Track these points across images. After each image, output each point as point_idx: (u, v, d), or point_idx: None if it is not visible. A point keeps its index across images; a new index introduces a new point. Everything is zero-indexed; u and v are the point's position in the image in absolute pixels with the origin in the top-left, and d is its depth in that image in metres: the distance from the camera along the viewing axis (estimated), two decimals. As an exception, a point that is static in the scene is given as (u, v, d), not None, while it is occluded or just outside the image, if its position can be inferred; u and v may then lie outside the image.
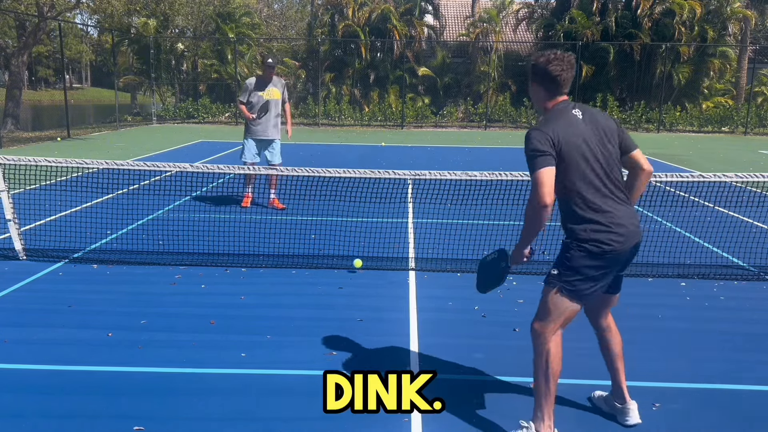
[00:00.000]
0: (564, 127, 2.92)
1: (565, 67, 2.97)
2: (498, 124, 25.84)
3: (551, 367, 3.01)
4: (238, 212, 8.22)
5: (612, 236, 2.91)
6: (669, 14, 25.43)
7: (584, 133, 2.94)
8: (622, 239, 2.93)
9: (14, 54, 20.53)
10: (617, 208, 2.95)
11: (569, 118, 2.96)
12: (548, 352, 3.02)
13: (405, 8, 27.80)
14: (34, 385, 3.65)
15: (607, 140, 3.00)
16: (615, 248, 2.92)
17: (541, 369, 3.04)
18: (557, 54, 3.00)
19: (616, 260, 2.98)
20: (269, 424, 3.26)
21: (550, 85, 3.01)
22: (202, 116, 25.85)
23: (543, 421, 3.05)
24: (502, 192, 6.19)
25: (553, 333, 3.04)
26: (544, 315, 3.07)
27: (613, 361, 3.33)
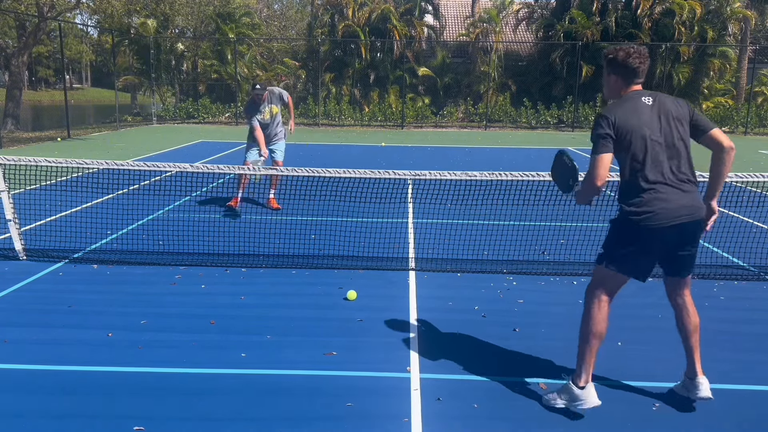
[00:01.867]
0: (628, 111, 3.18)
1: (643, 60, 3.25)
2: (498, 124, 25.84)
3: (591, 326, 3.31)
4: (238, 212, 8.21)
5: (649, 211, 3.09)
6: (669, 14, 25.43)
7: (648, 117, 3.17)
8: (659, 215, 3.09)
9: (14, 54, 20.53)
10: (666, 190, 3.12)
11: (636, 104, 3.20)
12: (591, 312, 3.33)
13: (405, 8, 27.79)
14: (34, 385, 3.65)
15: (676, 126, 3.20)
16: (650, 224, 3.10)
17: (585, 327, 3.35)
18: (636, 48, 3.28)
19: (654, 237, 3.14)
20: (269, 424, 3.26)
21: (628, 77, 3.27)
22: (202, 116, 25.85)
23: (581, 375, 3.34)
24: (502, 192, 6.19)
25: (597, 297, 3.33)
26: (592, 281, 3.42)
27: (686, 338, 3.48)
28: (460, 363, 4.01)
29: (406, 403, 3.47)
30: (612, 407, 3.46)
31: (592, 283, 3.40)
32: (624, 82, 3.30)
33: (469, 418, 3.35)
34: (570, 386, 3.37)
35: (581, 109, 25.19)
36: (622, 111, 3.18)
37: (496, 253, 6.31)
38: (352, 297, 5.03)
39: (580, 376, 3.35)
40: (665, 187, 3.13)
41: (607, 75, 3.38)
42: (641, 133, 3.14)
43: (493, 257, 6.27)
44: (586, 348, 3.34)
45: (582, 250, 6.41)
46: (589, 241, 6.61)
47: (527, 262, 6.22)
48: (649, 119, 3.17)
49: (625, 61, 3.24)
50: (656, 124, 3.17)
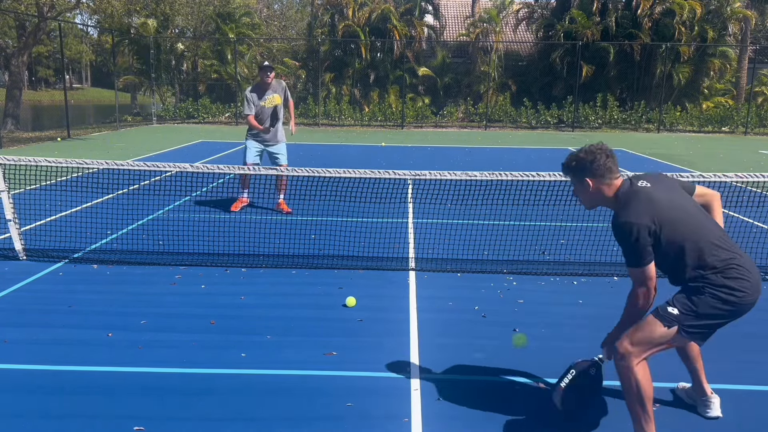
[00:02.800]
0: (648, 203, 2.90)
1: (610, 153, 3.03)
2: (498, 124, 25.84)
3: (644, 391, 2.91)
4: (238, 212, 8.21)
5: (745, 284, 2.84)
6: (669, 14, 25.42)
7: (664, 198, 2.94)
8: (752, 288, 2.86)
9: (14, 54, 20.53)
10: (741, 255, 2.91)
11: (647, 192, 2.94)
12: (638, 379, 2.90)
13: (405, 8, 27.79)
14: (34, 385, 3.65)
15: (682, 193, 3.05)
16: (747, 296, 2.84)
17: (635, 394, 2.92)
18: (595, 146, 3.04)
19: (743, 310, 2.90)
20: (269, 424, 3.26)
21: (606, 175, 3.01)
22: (202, 116, 25.85)
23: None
24: (502, 192, 6.19)
25: (642, 359, 2.93)
26: (640, 340, 2.92)
27: (689, 362, 3.40)
28: (460, 363, 4.01)
29: (406, 403, 3.47)
30: (612, 407, 3.45)
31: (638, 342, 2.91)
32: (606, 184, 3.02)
33: (469, 418, 3.35)
34: None
35: (581, 109, 25.19)
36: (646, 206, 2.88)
37: (496, 253, 6.31)
38: (351, 304, 4.94)
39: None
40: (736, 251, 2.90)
41: (580, 185, 3.08)
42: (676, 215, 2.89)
43: (493, 257, 6.27)
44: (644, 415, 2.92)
45: (582, 251, 6.42)
46: (589, 241, 6.61)
47: (527, 262, 6.22)
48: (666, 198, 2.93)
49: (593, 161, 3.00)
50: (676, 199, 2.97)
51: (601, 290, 5.50)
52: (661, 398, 3.58)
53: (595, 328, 4.61)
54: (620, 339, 2.96)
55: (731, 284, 2.83)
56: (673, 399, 3.59)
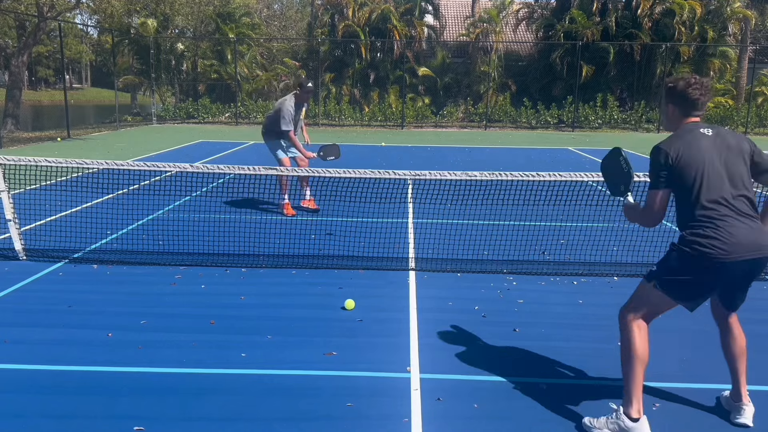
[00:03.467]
0: (688, 143, 3.06)
1: (704, 92, 3.13)
2: (498, 124, 25.84)
3: (635, 351, 3.14)
4: (238, 212, 8.22)
5: (715, 243, 2.95)
6: (669, 14, 25.43)
7: (708, 149, 3.05)
8: (725, 249, 2.94)
9: (14, 54, 20.54)
10: (733, 223, 2.98)
11: (696, 135, 3.09)
12: (632, 337, 3.17)
13: (405, 8, 27.80)
14: (34, 385, 3.65)
15: (736, 158, 3.08)
16: (714, 256, 2.95)
17: (626, 353, 3.18)
18: (697, 79, 3.16)
19: (718, 270, 3.00)
20: (269, 424, 3.26)
21: (687, 108, 3.16)
22: (202, 116, 25.84)
23: (631, 404, 3.14)
24: (502, 192, 6.19)
25: (637, 319, 3.18)
26: (632, 302, 3.25)
27: (731, 360, 3.40)
28: (460, 363, 4.01)
29: (406, 403, 3.47)
30: (611, 407, 3.45)
31: (632, 302, 3.24)
32: (682, 113, 3.18)
33: (469, 418, 3.35)
34: (621, 418, 3.14)
35: (581, 109, 25.19)
36: (682, 144, 3.07)
37: (496, 253, 6.31)
38: (350, 307, 4.90)
39: (630, 405, 3.13)
40: (733, 219, 2.99)
41: (665, 104, 3.27)
42: (703, 166, 3.02)
43: (493, 257, 6.27)
44: (631, 374, 3.14)
45: (582, 251, 6.42)
46: (589, 241, 6.61)
47: (527, 262, 6.22)
48: (710, 151, 3.05)
49: (684, 91, 3.13)
50: (717, 157, 3.05)
51: (601, 290, 5.50)
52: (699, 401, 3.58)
53: (595, 328, 4.63)
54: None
55: (697, 239, 2.98)
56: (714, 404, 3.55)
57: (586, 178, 5.88)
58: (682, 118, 3.18)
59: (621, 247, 6.44)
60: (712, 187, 3.01)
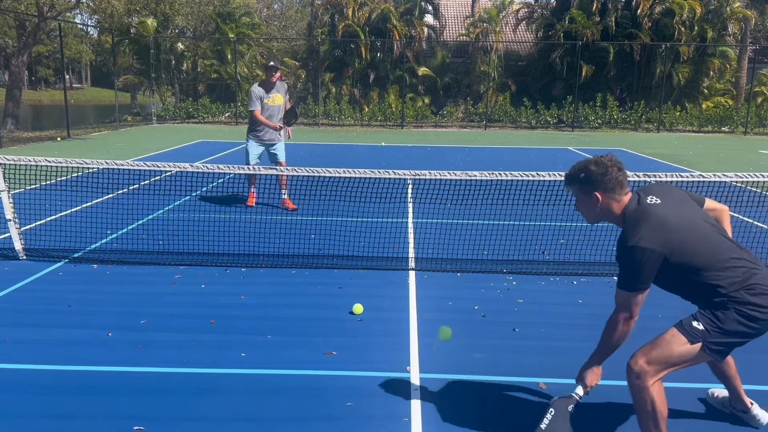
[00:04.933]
0: (660, 225, 2.75)
1: (621, 167, 2.88)
2: (498, 124, 25.84)
3: (659, 412, 2.79)
4: (238, 212, 8.22)
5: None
6: (669, 14, 25.43)
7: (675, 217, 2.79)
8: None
9: (14, 54, 20.54)
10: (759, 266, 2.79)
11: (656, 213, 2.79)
12: (652, 398, 2.78)
13: (405, 8, 27.80)
14: (34, 385, 3.65)
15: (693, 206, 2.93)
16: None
17: (648, 415, 2.80)
18: (605, 158, 2.90)
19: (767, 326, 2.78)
20: (269, 424, 3.26)
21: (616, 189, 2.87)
22: (202, 116, 25.84)
23: None
24: (502, 192, 6.19)
25: (659, 379, 2.82)
26: (659, 358, 2.79)
27: (728, 381, 3.32)
28: (460, 363, 4.01)
29: (406, 403, 3.47)
30: (612, 407, 3.46)
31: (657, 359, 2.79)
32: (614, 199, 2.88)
33: (469, 418, 3.35)
34: None
35: (581, 109, 25.20)
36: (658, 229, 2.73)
37: (496, 253, 6.31)
38: (358, 311, 4.80)
39: None
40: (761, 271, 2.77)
41: (587, 198, 2.92)
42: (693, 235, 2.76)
43: (493, 257, 6.27)
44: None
45: (582, 250, 6.42)
46: (589, 241, 6.62)
47: (527, 262, 6.22)
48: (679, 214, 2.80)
49: (604, 174, 2.84)
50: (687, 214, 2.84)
51: (600, 290, 5.50)
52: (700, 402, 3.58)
53: (595, 327, 4.61)
54: (635, 356, 2.82)
55: (756, 300, 2.70)
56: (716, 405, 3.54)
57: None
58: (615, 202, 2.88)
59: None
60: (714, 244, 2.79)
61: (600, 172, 2.85)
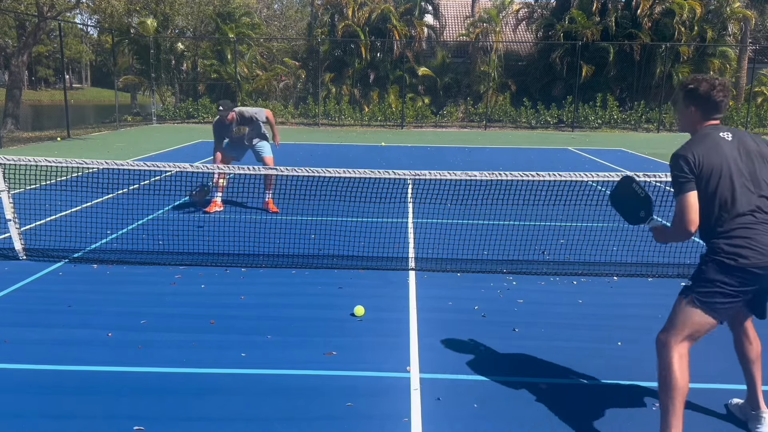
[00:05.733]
0: (708, 147, 2.94)
1: (726, 93, 3.03)
2: (498, 124, 25.84)
3: (674, 380, 2.90)
4: (238, 212, 8.22)
5: (749, 251, 2.85)
6: (669, 14, 25.43)
7: (730, 153, 2.94)
8: (760, 256, 2.86)
9: (14, 54, 20.54)
10: (762, 227, 2.89)
11: (715, 139, 2.98)
12: (670, 364, 2.92)
13: (405, 8, 27.79)
14: (34, 385, 3.65)
15: (758, 162, 2.98)
16: (751, 263, 2.86)
17: (663, 382, 2.93)
18: (720, 81, 3.05)
19: (754, 277, 2.90)
20: (269, 424, 3.26)
21: (709, 110, 3.05)
22: (202, 116, 25.83)
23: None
24: (502, 192, 6.19)
25: (677, 344, 2.94)
26: (670, 324, 3.02)
27: (748, 367, 3.29)
28: (460, 363, 4.01)
29: (406, 403, 3.47)
30: (612, 407, 3.46)
31: (671, 325, 3.00)
32: (702, 116, 3.06)
33: (469, 417, 3.36)
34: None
35: (581, 109, 25.20)
36: (703, 148, 2.94)
37: (496, 253, 6.31)
38: (359, 313, 4.77)
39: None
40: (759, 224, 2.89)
41: (684, 107, 3.11)
42: (726, 170, 2.91)
43: (493, 257, 6.27)
44: (670, 406, 2.90)
45: (582, 250, 6.42)
46: (588, 241, 6.62)
47: (527, 262, 6.22)
48: (732, 156, 2.94)
49: (707, 94, 3.00)
50: (739, 162, 2.94)
51: (601, 290, 5.50)
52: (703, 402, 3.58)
53: (595, 328, 4.63)
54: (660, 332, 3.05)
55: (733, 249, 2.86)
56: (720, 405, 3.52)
57: (586, 178, 5.88)
58: (702, 120, 3.07)
59: (621, 247, 6.44)
60: (738, 195, 2.90)
61: (704, 89, 3.01)
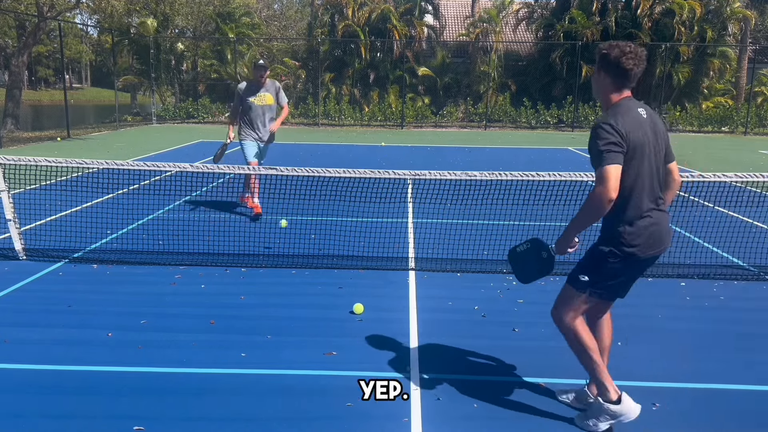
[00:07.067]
0: (632, 123, 2.91)
1: (638, 62, 2.96)
2: (498, 124, 25.84)
3: (584, 342, 3.16)
4: (238, 212, 8.22)
5: (643, 240, 2.96)
6: (669, 14, 25.43)
7: (647, 132, 2.95)
8: (650, 244, 2.98)
9: (14, 54, 20.54)
10: (657, 214, 3.00)
11: (636, 116, 2.96)
12: (575, 331, 3.17)
13: (405, 8, 27.79)
14: (34, 385, 3.65)
15: (662, 144, 3.04)
16: (643, 253, 2.99)
17: (578, 348, 3.19)
18: (632, 47, 2.96)
19: (640, 264, 3.05)
20: (269, 424, 3.26)
21: (620, 79, 3.00)
22: (202, 116, 25.84)
23: (607, 389, 3.16)
24: (501, 192, 6.19)
25: (573, 319, 3.17)
26: (563, 307, 3.19)
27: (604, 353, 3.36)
28: (460, 363, 4.01)
29: (405, 403, 3.47)
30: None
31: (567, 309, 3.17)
32: (614, 85, 3.01)
33: (468, 417, 3.36)
34: (604, 406, 3.15)
35: (581, 109, 25.20)
36: (629, 124, 2.89)
37: (496, 253, 6.30)
38: (358, 311, 4.79)
39: (607, 391, 3.15)
40: (657, 212, 3.00)
41: (597, 71, 3.07)
42: (645, 150, 2.91)
43: (492, 257, 6.27)
44: (593, 365, 3.15)
45: (582, 250, 6.40)
46: (589, 241, 6.60)
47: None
48: (648, 134, 2.95)
49: (618, 59, 2.93)
50: (653, 141, 2.96)
51: (600, 290, 5.49)
52: (699, 401, 3.58)
53: (595, 328, 4.62)
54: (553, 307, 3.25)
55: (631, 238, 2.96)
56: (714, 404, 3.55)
57: (586, 178, 5.88)
58: (613, 89, 3.02)
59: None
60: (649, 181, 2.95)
61: (614, 55, 2.95)
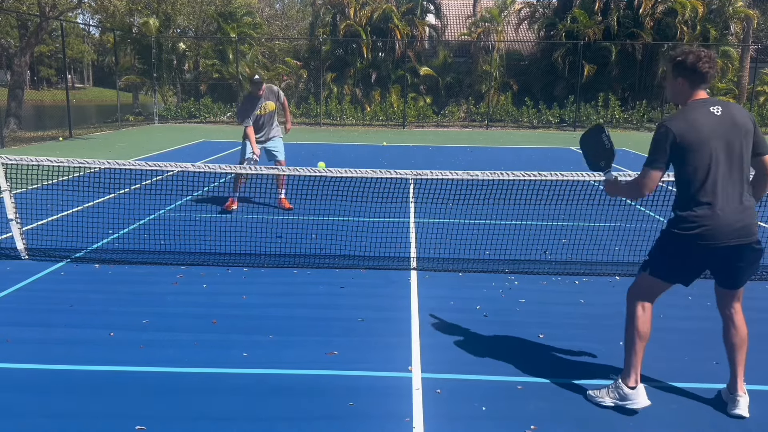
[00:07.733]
0: (692, 123, 3.09)
1: (712, 65, 3.16)
2: (500, 124, 25.82)
3: (637, 325, 3.36)
4: (240, 212, 8.22)
5: (703, 228, 3.08)
6: (671, 13, 25.40)
7: (715, 128, 3.09)
8: (712, 232, 3.08)
9: (16, 54, 20.56)
10: (726, 204, 3.09)
11: (703, 114, 3.12)
12: (635, 314, 3.38)
13: (407, 8, 27.78)
14: (35, 384, 3.65)
15: (741, 138, 3.13)
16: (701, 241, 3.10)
17: (629, 328, 3.40)
18: (706, 52, 3.17)
19: (706, 252, 3.15)
20: (270, 424, 3.26)
21: (696, 83, 3.19)
22: (204, 116, 25.86)
23: (629, 375, 3.37)
24: (503, 192, 6.18)
25: (640, 301, 3.38)
26: (634, 286, 3.47)
27: (730, 351, 3.47)
28: (462, 363, 4.01)
29: (407, 403, 3.47)
30: (612, 407, 3.45)
31: (635, 288, 3.44)
32: (690, 87, 3.20)
33: (470, 417, 3.35)
34: (620, 385, 3.39)
35: (583, 109, 25.17)
36: (688, 123, 3.10)
37: (498, 253, 6.31)
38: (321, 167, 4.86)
39: (629, 376, 3.37)
40: (723, 204, 3.09)
41: (673, 78, 3.25)
42: (706, 148, 3.07)
43: (494, 257, 6.27)
44: (632, 349, 3.36)
45: (584, 250, 6.41)
46: (590, 240, 6.61)
47: (529, 261, 6.21)
48: (716, 132, 3.09)
49: (694, 65, 3.13)
50: (724, 136, 3.09)
51: (602, 290, 5.49)
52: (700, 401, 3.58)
53: (596, 327, 4.63)
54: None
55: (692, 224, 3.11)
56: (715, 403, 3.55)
57: (588, 178, 5.87)
58: (690, 91, 3.20)
59: (623, 247, 6.43)
60: (713, 176, 3.07)
61: (690, 61, 3.15)
